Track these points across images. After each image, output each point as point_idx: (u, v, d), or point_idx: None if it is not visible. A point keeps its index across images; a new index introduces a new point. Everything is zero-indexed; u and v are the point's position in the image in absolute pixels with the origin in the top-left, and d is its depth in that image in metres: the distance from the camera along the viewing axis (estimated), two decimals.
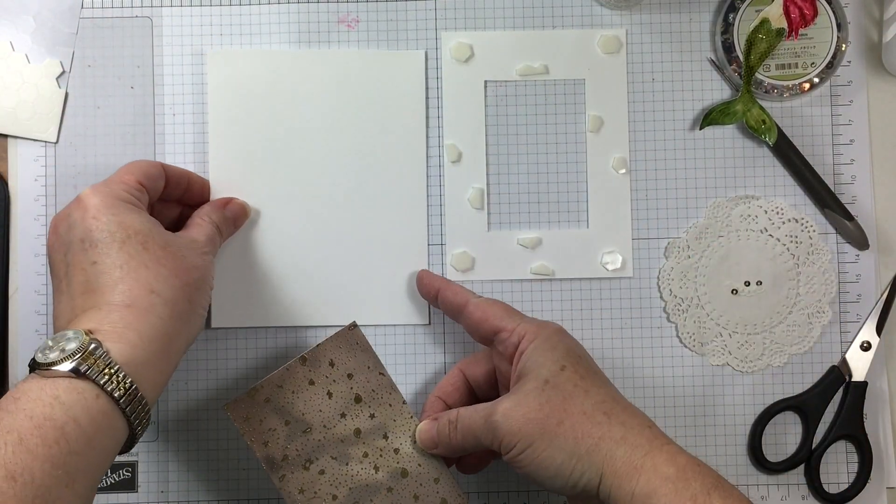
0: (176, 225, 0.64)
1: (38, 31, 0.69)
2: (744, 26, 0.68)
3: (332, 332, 0.68)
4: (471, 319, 0.62)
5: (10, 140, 0.69)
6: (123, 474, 0.68)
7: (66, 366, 0.50)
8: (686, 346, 0.69)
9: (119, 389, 0.50)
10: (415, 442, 0.62)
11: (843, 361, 0.69)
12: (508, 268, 0.69)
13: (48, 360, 0.50)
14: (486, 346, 0.64)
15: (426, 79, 0.69)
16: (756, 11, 0.68)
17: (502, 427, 0.56)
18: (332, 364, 0.63)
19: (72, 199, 0.58)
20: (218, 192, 0.68)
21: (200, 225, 0.63)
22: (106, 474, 0.67)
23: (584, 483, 0.54)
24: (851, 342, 0.69)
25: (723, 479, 0.53)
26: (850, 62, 0.70)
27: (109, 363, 0.50)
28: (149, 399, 0.52)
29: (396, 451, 0.62)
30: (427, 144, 0.69)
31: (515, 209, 0.69)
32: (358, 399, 0.63)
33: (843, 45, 0.68)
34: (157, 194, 0.63)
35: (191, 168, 0.68)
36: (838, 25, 0.68)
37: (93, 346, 0.50)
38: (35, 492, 0.46)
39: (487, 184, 0.69)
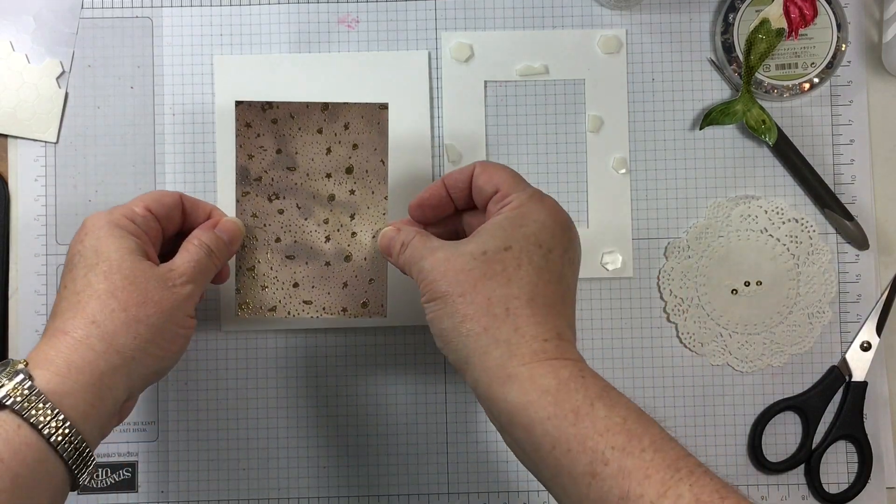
0: None
1: (38, 31, 0.68)
2: (744, 26, 0.68)
3: (333, 335, 0.68)
4: (477, 183, 0.58)
5: (10, 140, 0.69)
6: (123, 474, 0.68)
7: None
8: (686, 346, 0.69)
9: (42, 418, 0.48)
10: (374, 237, 0.63)
11: (843, 361, 0.69)
12: None
13: None
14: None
15: (430, 79, 0.69)
16: (756, 11, 0.68)
17: (424, 272, 0.55)
18: (346, 127, 0.64)
19: (74, 204, 0.59)
20: (227, 197, 0.68)
21: (188, 250, 0.59)
22: (106, 474, 0.67)
23: (453, 360, 0.54)
24: (851, 342, 0.69)
25: (611, 388, 0.50)
26: (850, 62, 0.70)
27: (34, 391, 0.49)
28: (85, 432, 0.50)
29: (354, 234, 0.64)
30: (431, 144, 0.69)
31: None
32: (349, 170, 0.64)
33: (843, 45, 0.68)
34: (174, 224, 0.61)
35: (191, 168, 0.68)
36: (838, 25, 0.68)
37: (18, 374, 0.49)
38: None
39: None
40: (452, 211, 0.61)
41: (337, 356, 0.69)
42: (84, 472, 0.51)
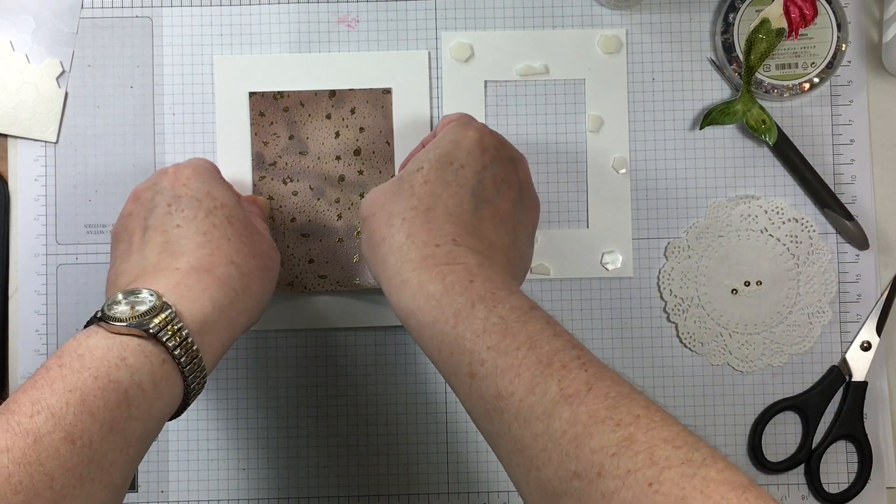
0: None
1: (38, 31, 0.68)
2: (744, 26, 0.68)
3: (333, 335, 0.68)
4: (439, 131, 0.61)
5: (10, 140, 0.69)
6: None
7: (136, 324, 0.47)
8: (686, 346, 0.69)
9: (185, 356, 0.48)
10: None
11: (844, 361, 0.69)
12: None
13: (117, 316, 0.48)
14: None
15: (430, 79, 0.69)
16: (756, 11, 0.68)
17: (360, 208, 0.58)
18: (353, 111, 0.67)
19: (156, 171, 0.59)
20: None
21: (257, 221, 0.62)
22: None
23: (374, 278, 0.55)
24: (851, 342, 0.69)
25: (502, 288, 0.50)
26: (850, 62, 0.70)
27: (180, 328, 0.48)
28: (208, 368, 0.51)
29: None
30: None
31: None
32: (357, 152, 0.67)
33: (843, 45, 0.68)
34: None
35: None
36: (838, 25, 0.68)
37: (167, 310, 0.48)
38: (91, 455, 0.44)
39: None
40: None
41: (337, 356, 0.69)
42: (193, 402, 0.52)
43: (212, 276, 0.52)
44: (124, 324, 0.47)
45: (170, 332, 0.48)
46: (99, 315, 0.49)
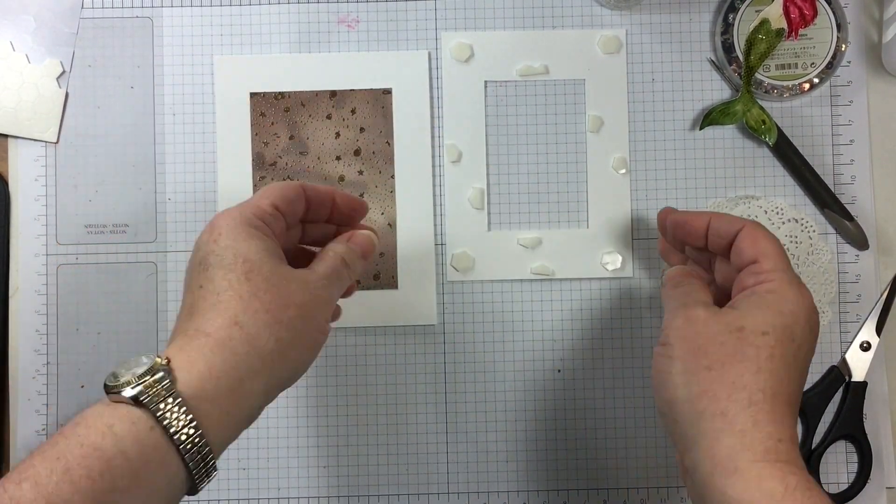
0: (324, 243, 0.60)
1: (39, 31, 0.69)
2: (744, 26, 0.68)
3: (333, 335, 0.68)
4: (739, 244, 0.56)
5: (10, 140, 0.69)
6: None
7: (128, 392, 0.46)
8: None
9: (175, 423, 0.46)
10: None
11: (843, 361, 0.69)
12: (508, 268, 0.69)
13: (113, 383, 0.47)
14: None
15: (430, 79, 0.69)
16: (756, 12, 0.68)
17: (678, 322, 0.54)
18: (353, 112, 0.68)
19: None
20: (226, 196, 0.68)
21: (323, 259, 0.57)
22: None
23: (674, 433, 0.52)
24: (851, 342, 0.69)
25: None
26: (849, 62, 0.70)
27: (173, 393, 0.47)
28: (212, 441, 0.48)
29: None
30: (432, 144, 0.69)
31: (515, 209, 0.69)
32: (357, 152, 0.68)
33: (843, 46, 0.68)
34: (298, 216, 0.58)
35: (192, 169, 0.68)
36: (838, 25, 0.68)
37: (160, 374, 0.47)
38: None
39: (488, 184, 0.69)
40: (703, 245, 0.60)
41: (337, 356, 0.69)
42: (205, 481, 0.49)
43: (212, 340, 0.50)
44: (119, 393, 0.46)
45: (157, 398, 0.46)
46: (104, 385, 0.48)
